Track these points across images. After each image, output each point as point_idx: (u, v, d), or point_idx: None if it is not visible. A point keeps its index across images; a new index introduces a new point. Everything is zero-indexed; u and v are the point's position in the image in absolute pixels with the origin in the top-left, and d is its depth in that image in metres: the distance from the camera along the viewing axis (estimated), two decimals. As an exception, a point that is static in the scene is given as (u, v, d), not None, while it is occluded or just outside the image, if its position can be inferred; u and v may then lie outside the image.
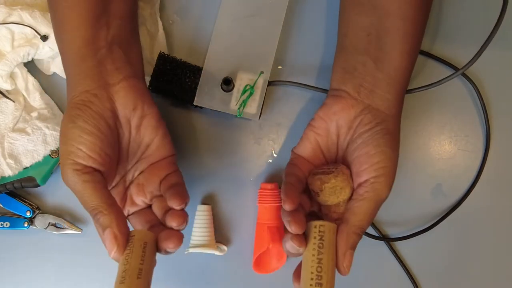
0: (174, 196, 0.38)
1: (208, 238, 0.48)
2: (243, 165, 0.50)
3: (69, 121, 0.37)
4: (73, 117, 0.37)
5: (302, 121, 0.50)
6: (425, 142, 0.51)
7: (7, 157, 0.46)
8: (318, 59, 0.51)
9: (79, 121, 0.37)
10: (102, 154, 0.37)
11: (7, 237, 0.50)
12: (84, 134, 0.37)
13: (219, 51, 0.48)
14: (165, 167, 0.42)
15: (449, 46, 0.51)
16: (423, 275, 0.50)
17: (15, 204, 0.49)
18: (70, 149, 0.36)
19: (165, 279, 0.50)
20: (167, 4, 0.51)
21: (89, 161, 0.36)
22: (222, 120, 0.50)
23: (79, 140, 0.36)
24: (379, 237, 0.50)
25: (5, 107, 0.47)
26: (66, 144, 0.37)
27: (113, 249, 0.35)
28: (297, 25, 0.51)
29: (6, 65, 0.46)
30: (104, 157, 0.37)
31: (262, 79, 0.47)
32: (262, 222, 0.48)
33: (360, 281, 0.50)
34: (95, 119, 0.37)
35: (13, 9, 0.46)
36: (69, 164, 0.36)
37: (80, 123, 0.37)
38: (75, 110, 0.38)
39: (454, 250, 0.50)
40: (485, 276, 0.50)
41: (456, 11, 0.51)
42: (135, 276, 0.34)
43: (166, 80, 0.47)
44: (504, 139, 0.51)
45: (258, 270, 0.48)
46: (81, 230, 0.49)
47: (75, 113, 0.37)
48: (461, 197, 0.50)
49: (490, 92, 0.51)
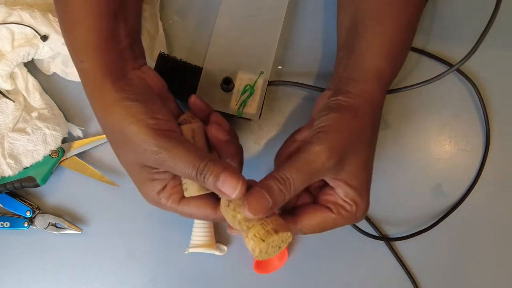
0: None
1: (208, 238, 0.48)
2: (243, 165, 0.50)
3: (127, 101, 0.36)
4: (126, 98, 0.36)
5: (302, 121, 0.50)
6: (425, 142, 0.51)
7: (7, 157, 0.46)
8: (318, 59, 0.51)
9: (138, 97, 0.36)
10: (170, 117, 0.37)
11: (7, 237, 0.50)
12: (148, 104, 0.36)
13: (219, 51, 0.48)
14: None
15: (444, 43, 0.51)
16: (423, 275, 0.50)
17: (15, 204, 0.49)
18: (147, 123, 0.35)
19: (165, 279, 0.50)
20: (167, 4, 0.51)
21: (167, 125, 0.36)
22: (222, 120, 0.50)
23: (149, 110, 0.36)
24: (379, 237, 0.50)
25: (5, 107, 0.47)
26: (137, 122, 0.35)
27: (238, 184, 0.33)
28: (297, 25, 0.51)
29: (6, 65, 0.46)
30: (171, 118, 0.38)
31: (262, 79, 0.47)
32: (262, 222, 0.48)
33: (360, 281, 0.50)
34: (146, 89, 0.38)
35: (13, 9, 0.46)
36: (154, 135, 0.34)
37: (140, 97, 0.36)
38: (124, 92, 0.36)
39: (454, 250, 0.50)
40: (485, 276, 0.50)
41: (450, 8, 0.51)
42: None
43: (166, 80, 0.47)
44: (504, 139, 0.51)
45: (258, 270, 0.48)
46: (81, 230, 0.49)
47: (126, 95, 0.36)
48: (461, 197, 0.50)
49: (490, 92, 0.51)
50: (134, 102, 0.36)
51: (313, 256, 0.50)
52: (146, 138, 0.34)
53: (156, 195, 0.37)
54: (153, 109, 0.36)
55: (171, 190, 0.38)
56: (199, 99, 0.41)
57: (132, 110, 0.35)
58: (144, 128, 0.35)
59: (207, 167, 0.34)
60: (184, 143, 0.35)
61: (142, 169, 0.37)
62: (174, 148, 0.34)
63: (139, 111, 0.35)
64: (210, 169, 0.34)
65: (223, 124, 0.40)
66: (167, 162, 0.34)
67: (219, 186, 0.34)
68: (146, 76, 0.40)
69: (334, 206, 0.37)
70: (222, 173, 0.34)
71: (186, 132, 0.38)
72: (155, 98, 0.38)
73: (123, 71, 0.38)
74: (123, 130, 0.35)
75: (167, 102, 0.41)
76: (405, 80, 0.50)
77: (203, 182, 0.34)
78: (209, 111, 0.41)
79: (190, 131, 0.38)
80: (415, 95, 0.50)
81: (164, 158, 0.34)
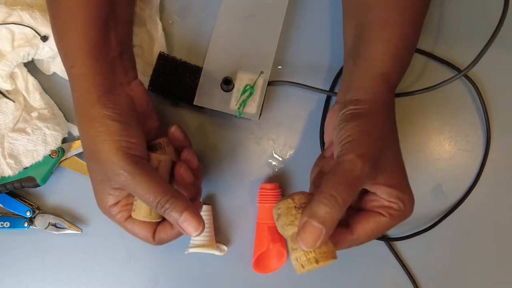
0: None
1: (208, 238, 0.48)
2: (243, 165, 0.50)
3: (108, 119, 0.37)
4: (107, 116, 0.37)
5: (302, 121, 0.50)
6: (425, 142, 0.51)
7: (7, 157, 0.46)
8: (318, 59, 0.51)
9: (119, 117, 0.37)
10: (143, 142, 0.38)
11: (7, 237, 0.50)
12: (127, 127, 0.37)
13: (219, 51, 0.48)
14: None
15: (451, 47, 0.51)
16: (423, 275, 0.50)
17: (15, 204, 0.49)
18: (120, 145, 0.36)
19: (165, 279, 0.50)
20: (167, 4, 0.51)
21: (138, 151, 0.37)
22: (222, 120, 0.50)
23: (125, 133, 0.37)
24: (379, 237, 0.50)
25: (5, 107, 0.47)
26: (110, 142, 0.36)
27: (199, 227, 0.36)
28: (297, 25, 0.51)
29: (6, 65, 0.46)
30: (144, 144, 0.39)
31: (262, 79, 0.47)
32: (262, 222, 0.48)
33: (360, 281, 0.50)
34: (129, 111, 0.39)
35: (13, 9, 0.46)
36: (123, 158, 0.36)
37: (120, 118, 0.37)
38: (106, 110, 0.37)
39: (454, 250, 0.50)
40: (485, 276, 0.50)
41: (458, 13, 0.51)
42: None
43: (166, 80, 0.47)
44: (504, 139, 0.51)
45: (258, 270, 0.48)
46: (81, 230, 0.49)
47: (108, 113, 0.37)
48: (461, 197, 0.50)
49: (491, 92, 0.51)
50: (114, 122, 0.37)
51: (313, 256, 0.50)
52: (114, 159, 0.36)
53: (108, 207, 0.39)
54: (130, 133, 0.37)
55: (122, 207, 0.39)
56: (179, 131, 0.42)
57: (109, 129, 0.36)
58: (116, 149, 0.36)
59: (169, 202, 0.36)
60: (149, 173, 0.36)
61: (102, 182, 0.38)
62: (138, 175, 0.36)
63: (115, 132, 0.36)
64: (172, 205, 0.36)
65: (193, 162, 0.42)
66: (129, 186, 0.36)
67: (180, 223, 0.36)
68: (134, 94, 0.40)
69: (383, 209, 0.37)
70: (184, 212, 0.36)
71: (153, 160, 0.39)
72: (134, 122, 0.39)
73: (112, 85, 0.39)
74: (97, 145, 0.36)
75: (149, 120, 0.42)
76: (409, 83, 0.50)
77: (163, 213, 0.36)
78: (185, 144, 0.43)
79: (156, 161, 0.39)
80: (417, 97, 0.50)
81: (127, 182, 0.36)
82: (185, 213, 0.36)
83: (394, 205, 0.36)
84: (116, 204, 0.39)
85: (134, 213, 0.39)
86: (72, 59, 0.39)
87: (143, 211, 0.38)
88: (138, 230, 0.40)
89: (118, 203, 0.39)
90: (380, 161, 0.36)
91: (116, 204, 0.39)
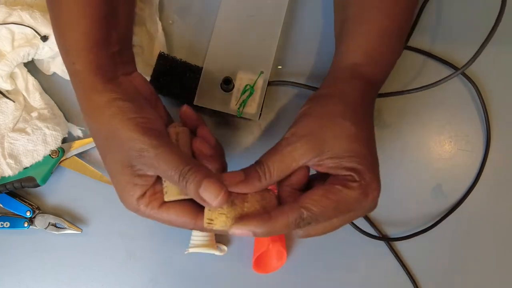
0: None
1: (208, 238, 0.48)
2: (243, 165, 0.50)
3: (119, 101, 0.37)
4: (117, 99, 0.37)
5: (302, 121, 0.50)
6: (425, 142, 0.51)
7: (7, 157, 0.46)
8: (318, 59, 0.51)
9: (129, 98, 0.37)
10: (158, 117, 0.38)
11: (7, 237, 0.50)
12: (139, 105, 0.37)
13: (219, 51, 0.48)
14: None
15: (449, 45, 0.51)
16: (423, 275, 0.50)
17: (15, 204, 0.49)
18: (136, 121, 0.36)
19: (165, 279, 0.50)
20: (167, 4, 0.51)
21: (156, 125, 0.37)
22: (222, 120, 0.50)
23: (139, 110, 0.36)
24: (379, 237, 0.50)
25: (5, 107, 0.47)
26: (127, 120, 0.36)
27: (220, 192, 0.34)
28: (297, 25, 0.51)
29: (6, 65, 0.46)
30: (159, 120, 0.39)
31: (262, 79, 0.47)
32: (262, 222, 0.48)
33: (360, 281, 0.50)
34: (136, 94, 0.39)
35: (13, 9, 0.46)
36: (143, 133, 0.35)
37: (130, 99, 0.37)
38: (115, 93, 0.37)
39: (454, 250, 0.50)
40: (485, 276, 0.50)
41: (456, 11, 0.51)
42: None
43: (166, 80, 0.47)
44: (504, 139, 0.51)
45: (258, 270, 0.48)
46: (81, 230, 0.49)
47: (118, 96, 0.37)
48: (461, 197, 0.50)
49: (490, 92, 0.51)
50: (126, 102, 0.36)
51: (312, 256, 0.50)
52: (134, 135, 0.35)
53: (135, 201, 0.37)
54: (144, 110, 0.37)
55: (150, 197, 0.37)
56: (190, 109, 0.41)
57: (123, 109, 0.36)
58: (134, 125, 0.35)
59: (190, 173, 0.34)
60: (170, 145, 0.36)
61: (124, 170, 0.37)
62: (159, 147, 0.35)
63: (130, 110, 0.36)
64: (193, 175, 0.34)
65: (209, 139, 0.40)
66: (151, 160, 0.35)
67: (200, 193, 0.34)
68: (136, 83, 0.41)
69: (338, 181, 0.36)
70: (204, 180, 0.34)
71: (171, 134, 0.39)
72: (144, 102, 0.39)
73: (114, 75, 0.39)
74: (113, 127, 0.36)
75: (156, 108, 0.42)
76: (407, 81, 0.50)
77: (185, 186, 0.34)
78: (198, 123, 0.42)
79: (174, 134, 0.39)
80: (415, 96, 0.50)
81: (149, 156, 0.34)
82: (205, 181, 0.34)
83: (348, 177, 0.36)
84: (143, 196, 0.37)
85: (167, 195, 0.37)
86: (73, 56, 0.39)
87: (175, 190, 0.37)
88: (175, 216, 0.37)
89: (146, 194, 0.37)
90: (326, 141, 0.36)
91: (144, 196, 0.37)
